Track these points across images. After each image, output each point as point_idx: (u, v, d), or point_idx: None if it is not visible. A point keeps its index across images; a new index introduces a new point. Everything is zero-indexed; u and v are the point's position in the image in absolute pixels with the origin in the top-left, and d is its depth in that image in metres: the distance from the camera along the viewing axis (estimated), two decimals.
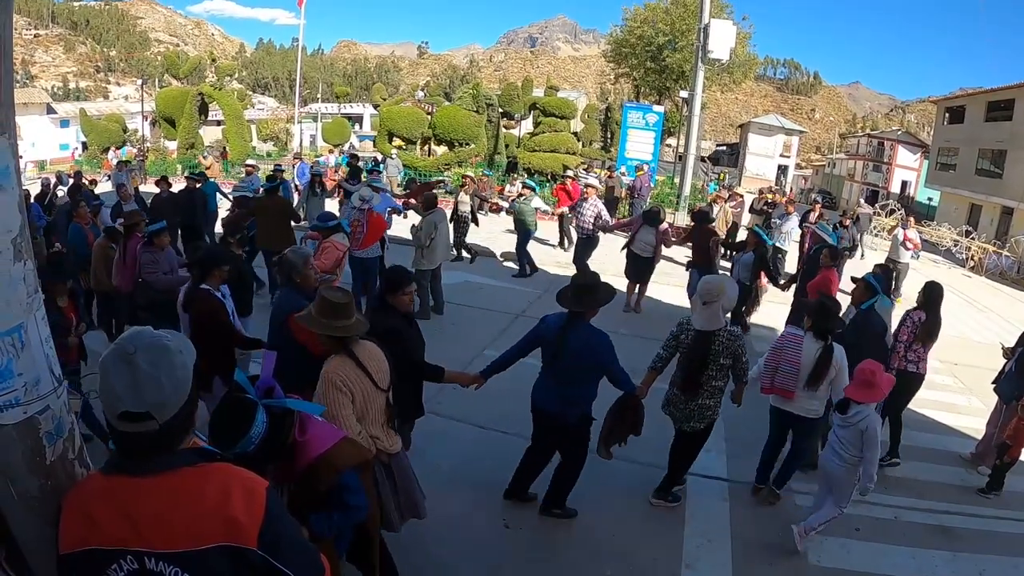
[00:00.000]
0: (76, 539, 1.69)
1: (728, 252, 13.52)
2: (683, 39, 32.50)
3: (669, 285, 12.20)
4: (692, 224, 11.20)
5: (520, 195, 13.01)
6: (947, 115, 39.81)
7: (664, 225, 10.80)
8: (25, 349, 1.74)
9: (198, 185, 12.58)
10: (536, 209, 12.89)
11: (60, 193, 13.10)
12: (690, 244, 10.97)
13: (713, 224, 11.47)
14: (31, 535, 1.83)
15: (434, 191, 11.33)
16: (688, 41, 30.56)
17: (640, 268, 10.87)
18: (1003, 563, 5.21)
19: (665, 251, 10.96)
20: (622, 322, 10.30)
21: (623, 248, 11.03)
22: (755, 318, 10.55)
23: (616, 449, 4.92)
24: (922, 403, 7.44)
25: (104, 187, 18.53)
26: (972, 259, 24.14)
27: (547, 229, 14.37)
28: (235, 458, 2.01)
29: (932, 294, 6.71)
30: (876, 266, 7.65)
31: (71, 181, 14.58)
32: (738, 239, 11.94)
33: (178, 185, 13.57)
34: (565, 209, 14.10)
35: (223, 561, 1.66)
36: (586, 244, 11.78)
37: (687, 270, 10.78)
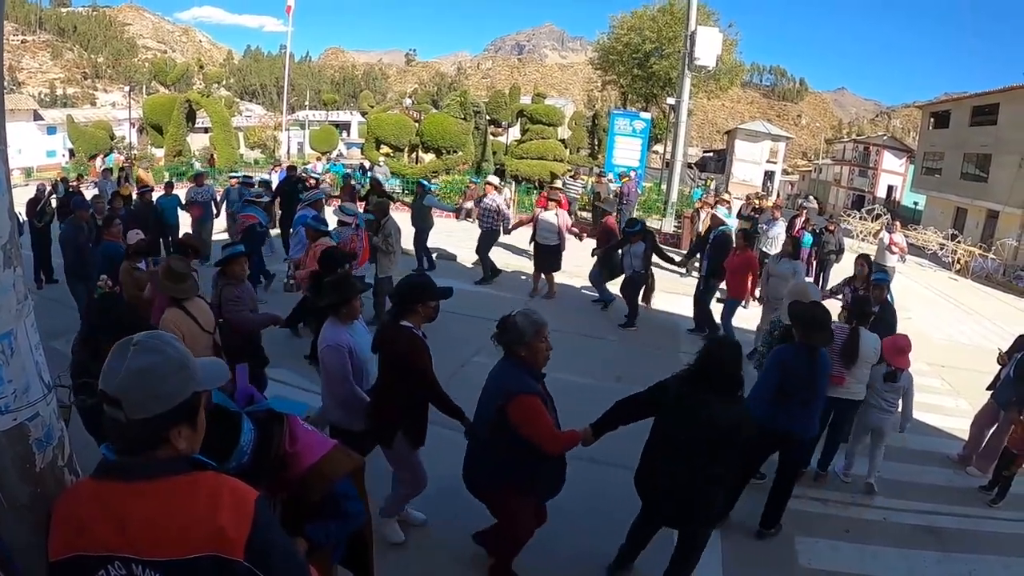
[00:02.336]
0: (65, 545, 1.69)
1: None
2: (670, 46, 32.56)
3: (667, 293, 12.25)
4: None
5: (421, 193, 13.28)
6: (932, 120, 40.15)
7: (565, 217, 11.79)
8: (15, 356, 1.73)
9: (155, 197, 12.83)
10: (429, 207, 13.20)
11: (54, 202, 12.99)
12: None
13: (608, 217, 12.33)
14: (21, 542, 1.82)
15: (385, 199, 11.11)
16: (675, 48, 30.65)
17: (546, 257, 11.63)
18: (992, 563, 5.25)
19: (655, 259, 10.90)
20: (611, 330, 10.36)
21: (530, 240, 11.86)
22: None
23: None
24: None
25: (91, 193, 18.39)
26: (958, 262, 24.37)
27: (522, 236, 14.29)
28: (233, 473, 2.01)
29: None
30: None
31: (63, 187, 14.52)
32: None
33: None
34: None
35: (210, 571, 1.65)
36: (488, 236, 12.48)
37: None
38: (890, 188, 55.71)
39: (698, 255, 11.56)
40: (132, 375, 1.68)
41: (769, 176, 58.19)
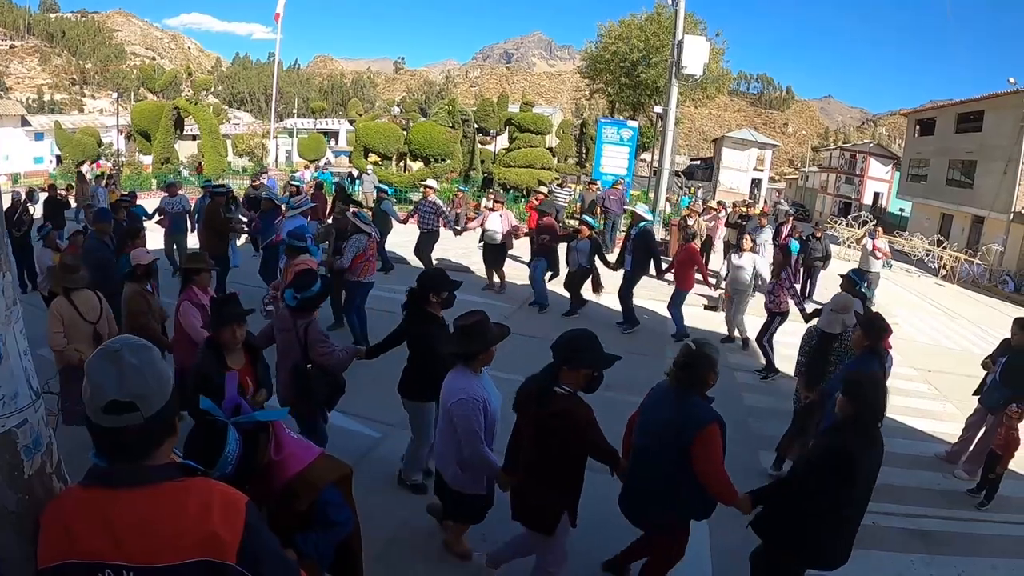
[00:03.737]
0: (54, 553, 1.67)
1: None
2: (657, 55, 32.67)
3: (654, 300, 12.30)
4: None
5: (380, 198, 13.80)
6: (918, 127, 40.50)
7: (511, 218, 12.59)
8: (3, 362, 1.72)
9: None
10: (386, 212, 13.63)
11: (32, 210, 12.84)
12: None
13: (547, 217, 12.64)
14: (9, 550, 1.80)
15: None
16: (662, 57, 30.74)
17: (493, 255, 12.59)
18: (980, 564, 5.29)
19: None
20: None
21: (479, 241, 12.57)
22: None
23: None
24: (898, 409, 7.55)
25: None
26: (944, 268, 24.57)
27: (519, 246, 14.35)
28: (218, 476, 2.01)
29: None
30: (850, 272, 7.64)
31: (42, 196, 14.26)
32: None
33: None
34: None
35: None
36: (427, 238, 12.95)
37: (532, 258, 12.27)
38: (876, 195, 56.18)
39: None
40: (142, 372, 1.69)
41: (756, 184, 58.53)
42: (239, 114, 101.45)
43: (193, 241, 12.84)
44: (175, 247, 12.62)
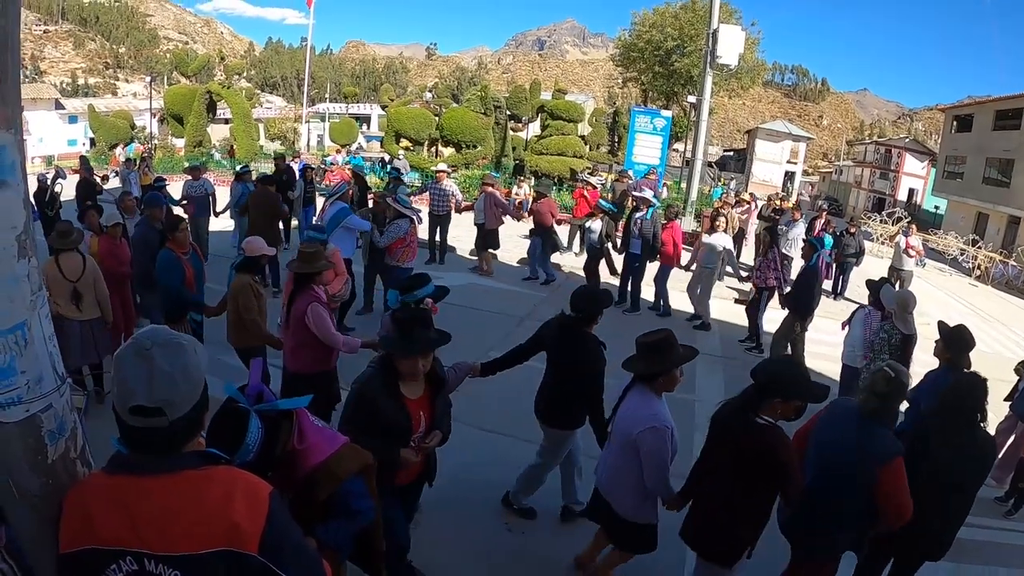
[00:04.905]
0: (76, 538, 1.68)
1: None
2: (692, 44, 32.43)
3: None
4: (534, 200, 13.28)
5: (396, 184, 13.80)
6: (955, 123, 39.84)
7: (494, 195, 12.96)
8: (28, 347, 1.72)
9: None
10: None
11: (58, 189, 12.93)
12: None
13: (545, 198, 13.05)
14: (31, 533, 1.81)
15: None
16: (697, 46, 30.52)
17: (481, 236, 12.84)
18: (1008, 574, 5.22)
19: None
20: (619, 325, 10.31)
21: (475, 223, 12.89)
22: None
23: None
24: None
25: (114, 183, 18.47)
26: (978, 268, 24.12)
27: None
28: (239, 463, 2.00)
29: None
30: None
31: (73, 177, 14.21)
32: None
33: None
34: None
35: (222, 566, 1.63)
36: (437, 221, 13.26)
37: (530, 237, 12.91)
38: (911, 191, 55.26)
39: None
40: (172, 378, 1.67)
41: (789, 177, 57.88)
42: (271, 98, 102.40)
43: (217, 225, 13.07)
44: (197, 231, 12.55)
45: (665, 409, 3.70)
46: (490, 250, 13.06)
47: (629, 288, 11.45)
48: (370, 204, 11.40)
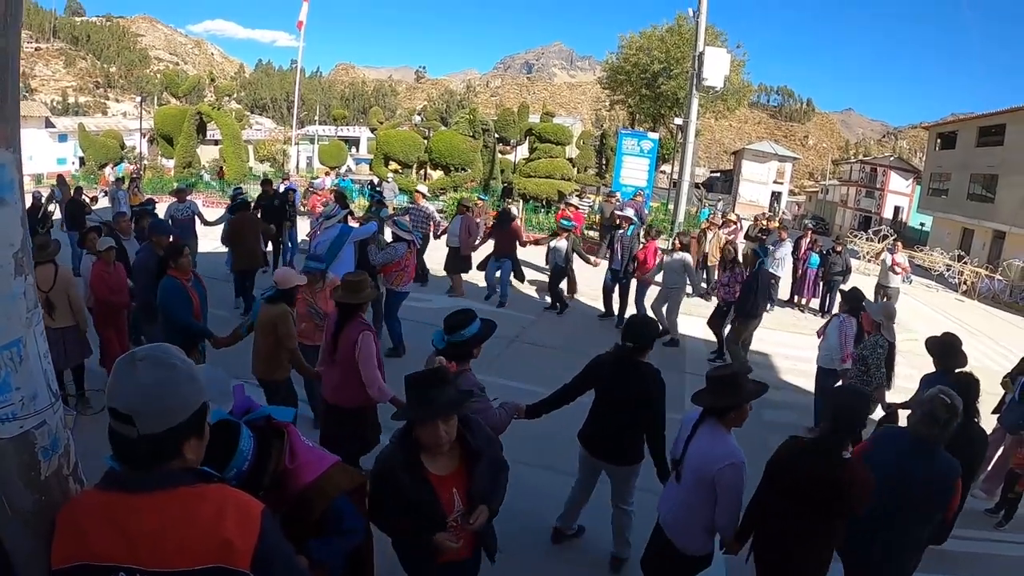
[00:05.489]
0: (69, 554, 1.68)
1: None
2: (678, 67, 32.62)
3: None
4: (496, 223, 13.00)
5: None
6: (939, 141, 40.26)
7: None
8: (23, 363, 1.74)
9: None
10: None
11: (52, 208, 12.88)
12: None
13: (515, 221, 12.98)
14: (24, 550, 1.82)
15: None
16: (683, 69, 30.72)
17: (452, 258, 12.84)
18: None
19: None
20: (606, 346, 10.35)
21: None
22: None
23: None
24: None
25: (103, 203, 18.36)
26: (965, 283, 24.32)
27: (537, 254, 14.50)
28: (232, 482, 2.01)
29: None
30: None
31: (57, 190, 14.12)
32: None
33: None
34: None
35: None
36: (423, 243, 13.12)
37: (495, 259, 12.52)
38: (897, 209, 55.78)
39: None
40: (144, 390, 1.69)
41: (776, 197, 58.33)
42: (261, 120, 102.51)
43: (204, 247, 12.75)
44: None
45: (736, 444, 3.62)
46: (460, 273, 12.99)
47: (616, 303, 11.74)
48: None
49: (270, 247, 12.92)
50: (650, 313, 10.87)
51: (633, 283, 11.44)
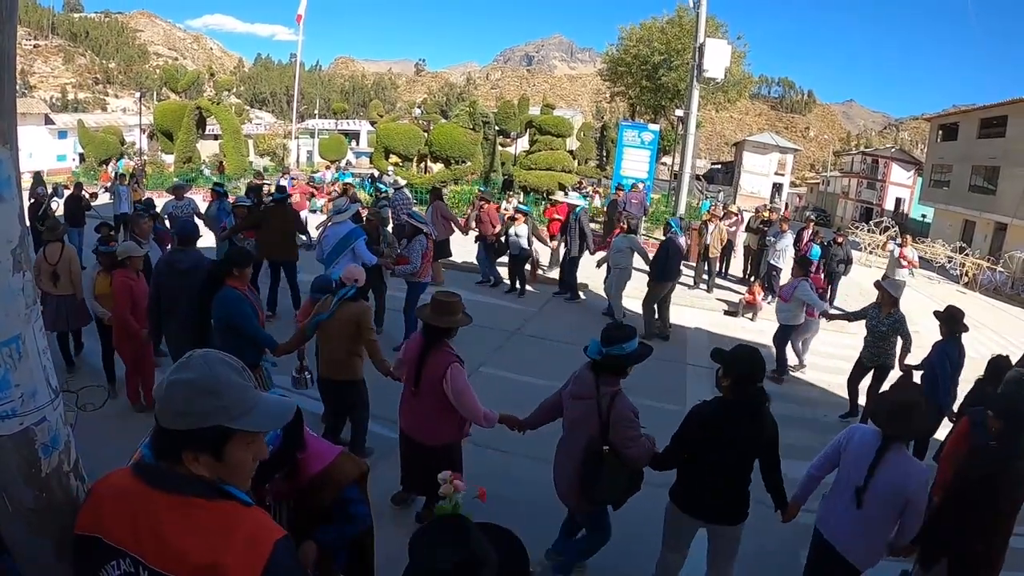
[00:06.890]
0: (88, 523, 1.73)
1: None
2: (678, 58, 32.57)
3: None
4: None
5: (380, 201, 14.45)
6: (940, 132, 40.21)
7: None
8: (23, 360, 1.73)
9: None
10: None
11: (54, 206, 12.85)
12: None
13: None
14: (24, 546, 1.83)
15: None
16: (683, 60, 30.66)
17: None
18: None
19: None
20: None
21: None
22: None
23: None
24: None
25: (103, 199, 18.31)
26: (966, 275, 24.30)
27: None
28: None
29: None
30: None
31: (67, 192, 14.07)
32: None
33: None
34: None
35: None
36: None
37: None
38: (898, 200, 55.64)
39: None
40: (166, 386, 1.71)
41: (777, 188, 58.17)
42: (261, 114, 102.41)
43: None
44: None
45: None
46: (441, 260, 12.92)
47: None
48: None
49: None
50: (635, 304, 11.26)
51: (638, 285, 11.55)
